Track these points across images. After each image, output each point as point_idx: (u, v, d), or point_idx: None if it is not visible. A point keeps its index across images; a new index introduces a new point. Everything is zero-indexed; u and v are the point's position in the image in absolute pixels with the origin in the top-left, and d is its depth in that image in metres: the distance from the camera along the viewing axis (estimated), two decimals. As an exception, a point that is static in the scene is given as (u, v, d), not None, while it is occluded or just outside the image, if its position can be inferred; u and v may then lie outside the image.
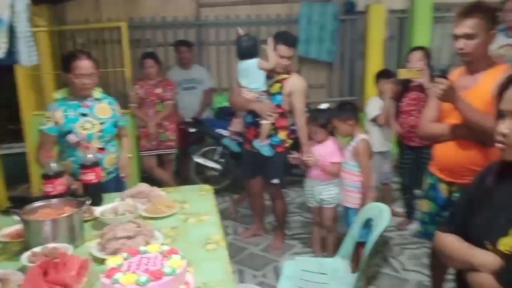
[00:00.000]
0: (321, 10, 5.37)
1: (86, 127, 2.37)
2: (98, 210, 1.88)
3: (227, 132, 4.19)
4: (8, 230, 1.77)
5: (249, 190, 3.33)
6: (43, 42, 4.14)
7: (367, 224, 2.27)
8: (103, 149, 2.44)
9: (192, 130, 4.37)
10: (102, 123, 2.43)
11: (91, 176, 2.05)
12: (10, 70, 3.80)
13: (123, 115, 2.70)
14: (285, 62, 2.89)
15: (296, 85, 2.93)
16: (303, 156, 2.81)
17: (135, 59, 4.40)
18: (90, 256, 1.50)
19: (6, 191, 3.53)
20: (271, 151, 2.98)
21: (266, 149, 2.97)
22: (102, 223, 1.81)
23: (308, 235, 3.42)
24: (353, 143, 2.60)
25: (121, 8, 5.09)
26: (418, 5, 4.73)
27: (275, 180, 3.06)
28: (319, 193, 2.80)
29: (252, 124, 3.05)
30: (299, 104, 2.94)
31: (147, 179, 3.26)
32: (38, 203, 1.74)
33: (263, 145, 2.96)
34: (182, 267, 1.36)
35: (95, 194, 2.01)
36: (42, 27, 4.18)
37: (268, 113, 2.90)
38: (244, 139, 3.22)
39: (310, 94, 3.97)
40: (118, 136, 2.63)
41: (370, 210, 2.14)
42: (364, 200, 2.55)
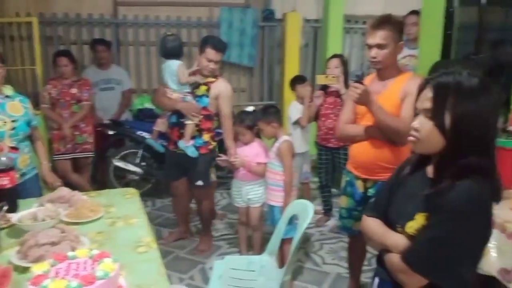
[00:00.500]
0: (241, 16, 5.49)
1: None
2: (15, 217, 1.74)
3: (148, 134, 4.10)
4: None
5: (173, 192, 3.28)
6: None
7: (290, 221, 2.38)
8: (16, 148, 2.30)
9: (110, 132, 4.19)
10: (14, 121, 2.30)
11: (5, 181, 1.89)
12: None
13: (36, 115, 2.55)
14: (212, 65, 2.92)
15: (223, 89, 2.98)
16: (230, 158, 2.86)
17: (46, 58, 4.12)
18: (10, 265, 1.39)
19: None
20: (196, 152, 2.99)
21: (191, 150, 2.96)
22: (20, 230, 1.68)
23: (234, 236, 3.47)
24: (277, 144, 2.71)
25: (30, 2, 4.71)
26: (331, 16, 5.06)
27: (200, 182, 3.06)
28: (246, 193, 2.87)
29: (176, 124, 3.02)
30: (227, 108, 2.99)
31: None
32: None
33: (187, 145, 2.96)
34: (115, 270, 1.33)
35: (10, 199, 1.86)
36: None
37: (193, 113, 2.91)
38: (168, 140, 3.18)
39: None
40: (31, 139, 2.49)
41: (295, 207, 2.25)
42: (287, 198, 2.66)
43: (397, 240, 1.21)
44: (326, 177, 3.73)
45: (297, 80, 3.84)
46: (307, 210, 2.06)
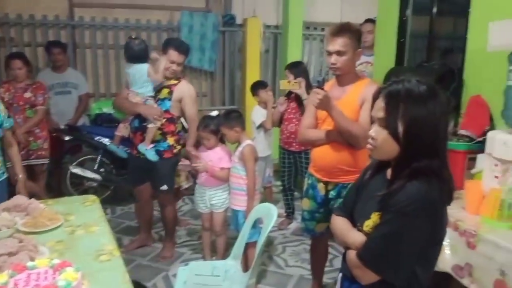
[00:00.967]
0: (201, 20, 5.48)
1: None
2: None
3: (107, 140, 4.00)
4: None
5: (137, 197, 3.22)
6: None
7: (254, 225, 2.41)
8: None
9: (66, 138, 4.06)
10: None
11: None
12: None
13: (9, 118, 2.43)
14: (174, 67, 2.90)
15: (186, 91, 2.96)
16: (192, 162, 2.84)
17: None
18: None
19: None
20: (156, 156, 2.95)
21: (151, 153, 2.92)
22: (-27, 241, 1.59)
23: (197, 242, 3.45)
24: (240, 148, 2.72)
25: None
26: (291, 22, 5.17)
27: (164, 186, 3.02)
28: (210, 198, 2.85)
29: (139, 128, 2.97)
30: (191, 110, 2.98)
31: (14, 194, 2.92)
32: None
33: (147, 149, 2.91)
34: (77, 280, 1.30)
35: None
36: None
37: (155, 116, 2.87)
38: (131, 145, 3.12)
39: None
40: (3, 143, 2.36)
41: (259, 210, 2.27)
42: (250, 202, 2.67)
43: (356, 237, 1.27)
44: (288, 180, 3.79)
45: (259, 85, 3.93)
46: (271, 214, 2.09)
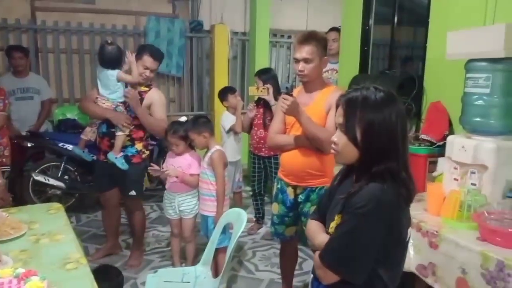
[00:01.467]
0: (168, 26, 5.46)
1: None
2: None
3: (71, 146, 3.89)
4: None
5: (104, 204, 3.14)
6: None
7: (223, 230, 2.41)
8: None
9: (28, 144, 3.93)
10: None
11: None
12: None
13: None
14: (147, 73, 2.88)
15: (156, 97, 2.95)
16: (162, 168, 2.82)
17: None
18: None
19: None
20: (126, 165, 2.90)
21: (120, 161, 2.87)
22: None
23: (165, 248, 3.41)
24: (209, 153, 2.72)
25: None
26: (257, 29, 5.23)
27: (132, 192, 2.98)
28: (179, 204, 2.83)
29: (106, 134, 2.92)
30: (160, 113, 2.94)
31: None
32: None
33: (117, 158, 2.87)
34: (44, 289, 1.27)
35: None
36: None
37: (124, 124, 2.83)
38: (97, 150, 3.05)
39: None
40: None
41: (229, 215, 2.29)
42: (219, 207, 2.67)
43: (321, 239, 1.30)
44: (258, 185, 3.82)
45: (227, 91, 3.97)
46: (241, 219, 2.11)
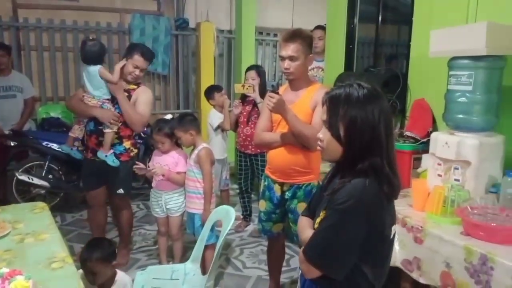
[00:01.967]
0: (153, 23, 5.42)
1: None
2: None
3: (55, 145, 3.85)
4: None
5: (91, 202, 3.11)
6: None
7: (211, 228, 2.42)
8: None
9: (11, 143, 3.86)
10: None
11: None
12: None
13: None
14: (137, 72, 2.86)
15: (141, 93, 2.92)
16: (148, 166, 2.81)
17: None
18: None
19: None
20: (117, 161, 2.88)
21: (111, 159, 2.85)
22: None
23: (152, 247, 3.40)
24: (195, 151, 2.72)
25: None
26: (243, 27, 5.23)
27: (120, 190, 2.95)
28: (166, 202, 2.82)
29: (94, 132, 2.89)
30: (142, 106, 2.88)
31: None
32: None
33: (107, 155, 2.84)
34: (29, 288, 1.26)
35: None
36: None
37: (111, 121, 2.81)
38: (85, 148, 3.02)
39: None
40: None
41: (218, 213, 2.29)
42: (207, 205, 2.68)
43: (308, 235, 1.31)
44: (245, 182, 3.83)
45: (214, 89, 3.98)
46: (229, 216, 2.12)
